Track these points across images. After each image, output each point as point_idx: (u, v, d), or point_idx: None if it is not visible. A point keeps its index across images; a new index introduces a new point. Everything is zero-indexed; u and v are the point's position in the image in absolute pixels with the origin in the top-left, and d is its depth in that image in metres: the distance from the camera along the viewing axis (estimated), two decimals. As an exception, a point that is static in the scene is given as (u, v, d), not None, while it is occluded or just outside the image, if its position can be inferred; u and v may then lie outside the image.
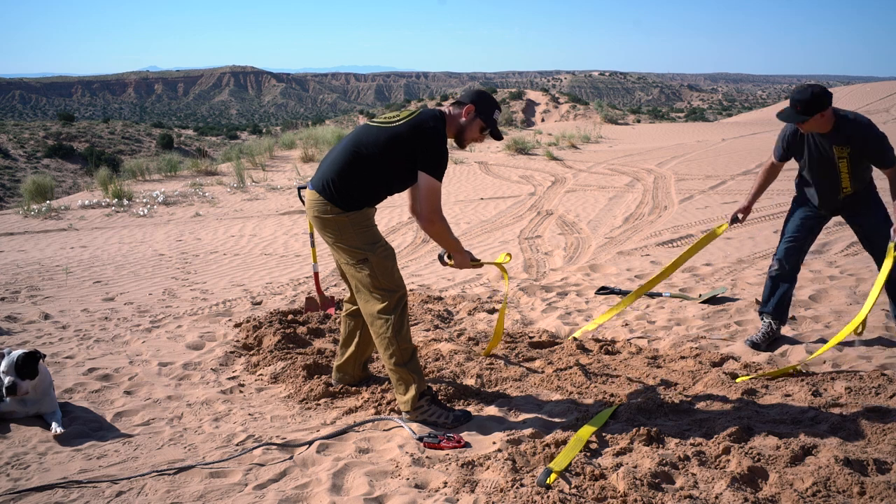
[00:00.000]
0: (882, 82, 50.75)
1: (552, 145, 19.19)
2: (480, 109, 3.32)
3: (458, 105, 3.34)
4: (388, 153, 3.19)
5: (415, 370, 3.30)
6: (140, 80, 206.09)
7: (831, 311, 4.87)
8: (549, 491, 2.55)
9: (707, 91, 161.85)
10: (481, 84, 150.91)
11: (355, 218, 3.24)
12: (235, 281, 6.54)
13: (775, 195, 10.76)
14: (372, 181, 3.24)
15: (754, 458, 2.77)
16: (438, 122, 3.25)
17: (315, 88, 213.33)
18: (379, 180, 3.25)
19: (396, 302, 3.26)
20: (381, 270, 3.24)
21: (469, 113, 3.31)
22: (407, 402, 3.28)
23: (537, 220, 9.59)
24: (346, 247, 3.27)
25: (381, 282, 3.25)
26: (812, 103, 3.68)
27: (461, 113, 3.32)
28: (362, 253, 3.24)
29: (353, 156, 3.23)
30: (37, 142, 36.81)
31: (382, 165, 3.21)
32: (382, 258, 3.25)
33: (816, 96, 3.67)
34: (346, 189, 3.21)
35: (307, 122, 49.42)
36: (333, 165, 3.26)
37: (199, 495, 2.71)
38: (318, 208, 3.27)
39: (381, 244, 3.28)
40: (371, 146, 3.21)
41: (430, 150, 3.18)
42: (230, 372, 4.13)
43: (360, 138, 3.27)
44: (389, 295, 3.25)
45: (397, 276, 3.31)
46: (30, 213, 10.70)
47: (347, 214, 3.22)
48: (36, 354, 3.35)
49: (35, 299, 5.82)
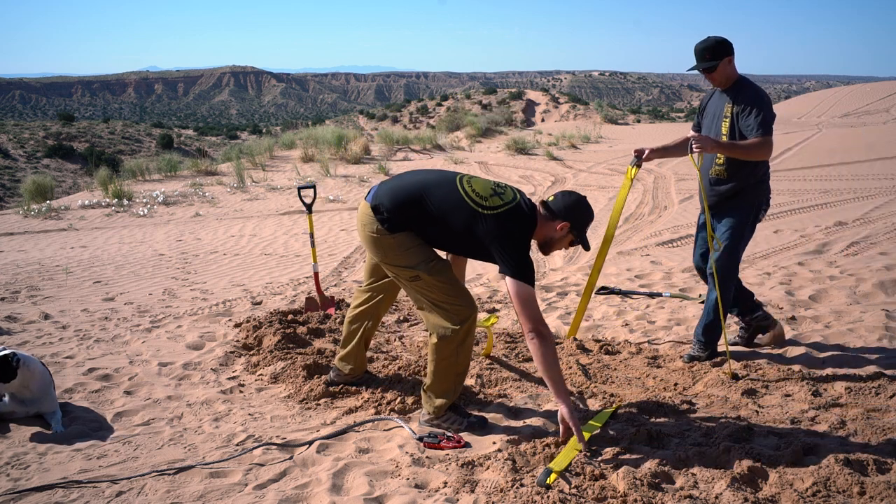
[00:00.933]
0: (882, 82, 50.75)
1: (552, 145, 19.19)
2: (575, 226, 3.11)
3: (549, 212, 3.10)
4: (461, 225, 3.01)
5: (458, 384, 3.23)
6: (140, 80, 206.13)
7: (831, 311, 4.86)
8: (549, 491, 2.55)
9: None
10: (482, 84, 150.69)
11: (401, 239, 3.10)
12: (235, 281, 6.54)
13: (775, 195, 10.76)
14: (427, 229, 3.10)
15: (754, 458, 2.77)
16: (527, 228, 3.04)
17: (315, 88, 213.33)
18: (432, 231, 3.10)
19: (464, 318, 3.09)
20: (437, 287, 3.10)
21: (563, 229, 3.09)
22: (438, 408, 3.22)
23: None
24: (395, 266, 3.16)
25: (440, 297, 3.11)
26: (717, 48, 3.77)
27: (554, 226, 3.09)
28: (412, 271, 3.11)
29: (420, 194, 3.07)
30: (37, 142, 36.82)
31: (445, 227, 3.05)
32: (434, 274, 3.10)
33: (720, 41, 3.79)
34: (398, 221, 3.08)
35: (307, 122, 49.42)
36: (399, 193, 3.11)
37: (199, 495, 2.71)
38: (368, 226, 3.14)
39: (432, 260, 3.12)
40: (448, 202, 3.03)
41: (513, 258, 2.95)
42: (230, 372, 4.13)
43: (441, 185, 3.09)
44: (455, 310, 3.10)
45: (459, 290, 3.15)
46: (30, 213, 10.70)
47: (394, 236, 3.09)
48: (8, 358, 3.29)
49: (35, 299, 5.82)
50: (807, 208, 9.67)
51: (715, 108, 3.97)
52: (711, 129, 3.96)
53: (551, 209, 3.10)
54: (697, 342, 4.09)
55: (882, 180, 11.69)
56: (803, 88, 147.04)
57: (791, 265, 6.24)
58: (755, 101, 3.75)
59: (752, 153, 3.70)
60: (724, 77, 3.83)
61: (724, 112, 3.86)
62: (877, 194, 10.42)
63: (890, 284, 5.33)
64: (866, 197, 10.28)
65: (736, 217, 3.90)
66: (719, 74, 3.82)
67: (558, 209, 3.08)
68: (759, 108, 3.72)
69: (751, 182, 3.87)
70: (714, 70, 3.79)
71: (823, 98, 45.69)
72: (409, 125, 54.46)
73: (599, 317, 5.12)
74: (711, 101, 4.04)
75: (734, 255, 3.93)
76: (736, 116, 3.79)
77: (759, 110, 3.71)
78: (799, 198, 10.47)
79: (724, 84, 3.88)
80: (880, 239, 7.38)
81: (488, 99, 64.52)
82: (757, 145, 3.67)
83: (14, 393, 3.34)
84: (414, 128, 45.10)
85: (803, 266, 6.17)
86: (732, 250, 3.90)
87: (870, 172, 12.61)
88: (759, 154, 3.71)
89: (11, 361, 3.29)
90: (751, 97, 3.77)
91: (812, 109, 39.83)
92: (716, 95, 4.00)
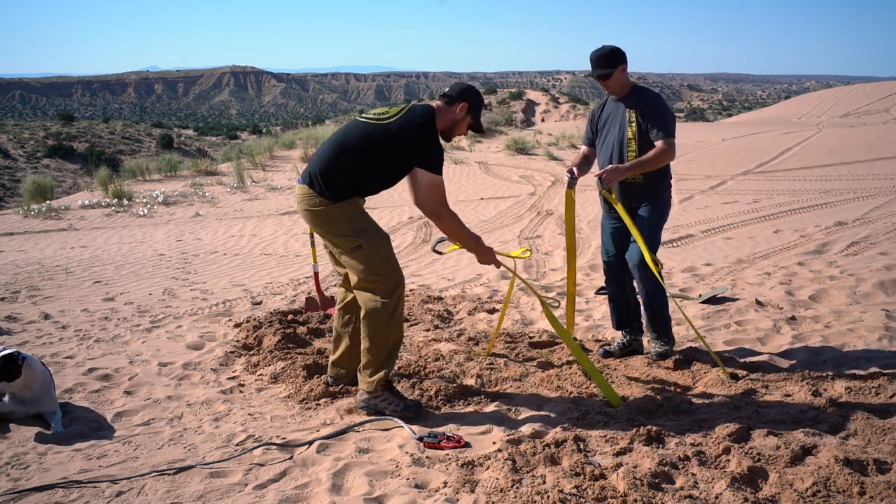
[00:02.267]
0: (882, 82, 50.73)
1: (552, 145, 19.19)
2: (472, 107, 3.41)
3: (448, 99, 3.39)
4: (374, 148, 3.25)
5: (392, 357, 3.38)
6: (140, 80, 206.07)
7: (831, 311, 4.86)
8: (548, 491, 2.55)
9: (707, 91, 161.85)
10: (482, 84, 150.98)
11: (344, 208, 3.28)
12: (235, 281, 6.54)
13: (775, 195, 10.76)
14: (357, 174, 3.28)
15: (754, 458, 2.77)
16: (430, 118, 3.29)
17: (315, 88, 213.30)
18: (363, 173, 3.29)
19: (393, 287, 3.30)
20: (375, 256, 3.29)
21: (463, 110, 3.38)
22: (372, 382, 3.34)
23: (537, 220, 9.60)
24: (338, 236, 3.32)
25: (377, 267, 3.29)
26: (611, 56, 3.85)
27: (454, 109, 3.38)
28: (355, 240, 3.28)
29: (338, 150, 3.30)
30: (37, 142, 36.81)
31: (368, 160, 3.27)
32: (376, 244, 3.30)
33: (614, 50, 3.86)
34: (331, 181, 3.26)
35: (307, 122, 49.43)
36: (320, 160, 3.33)
37: (199, 495, 2.71)
38: (307, 201, 3.32)
39: (373, 230, 3.33)
40: (357, 140, 3.28)
41: (425, 148, 3.23)
42: (230, 372, 4.13)
43: (347, 133, 3.35)
44: (385, 280, 3.29)
45: (393, 261, 3.36)
46: (30, 213, 10.70)
47: (336, 205, 3.27)
48: (13, 356, 3.30)
49: (35, 299, 5.82)
50: (807, 208, 9.67)
51: (613, 117, 4.01)
52: (610, 138, 3.99)
53: (450, 95, 3.40)
54: (655, 339, 4.10)
55: (882, 180, 11.69)
56: (803, 88, 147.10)
57: (791, 265, 6.24)
58: (655, 107, 3.87)
59: (657, 162, 3.80)
60: (618, 85, 3.91)
61: (627, 119, 3.92)
62: (877, 194, 10.42)
63: (890, 284, 5.33)
64: (866, 197, 10.28)
65: (649, 213, 3.97)
66: (614, 82, 3.89)
67: (455, 93, 3.40)
68: (659, 112, 3.85)
69: (658, 177, 3.95)
70: (609, 77, 3.87)
71: (823, 98, 45.68)
72: (409, 125, 54.27)
73: (599, 317, 5.12)
74: (606, 111, 4.08)
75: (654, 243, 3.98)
76: (639, 121, 3.87)
77: (660, 115, 3.84)
78: (799, 198, 10.47)
79: (619, 92, 3.94)
80: (880, 239, 7.38)
81: (488, 99, 64.50)
82: (661, 152, 3.79)
83: (15, 393, 3.34)
84: (414, 128, 44.90)
85: (803, 266, 6.16)
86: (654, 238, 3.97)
87: (870, 172, 12.61)
88: (665, 159, 3.82)
89: (17, 360, 3.30)
90: (650, 102, 3.88)
91: (812, 109, 39.83)
92: (611, 105, 4.05)
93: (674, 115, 3.94)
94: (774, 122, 31.26)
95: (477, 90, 3.48)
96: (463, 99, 3.38)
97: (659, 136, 3.82)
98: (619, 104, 3.97)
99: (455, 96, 3.39)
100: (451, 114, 3.38)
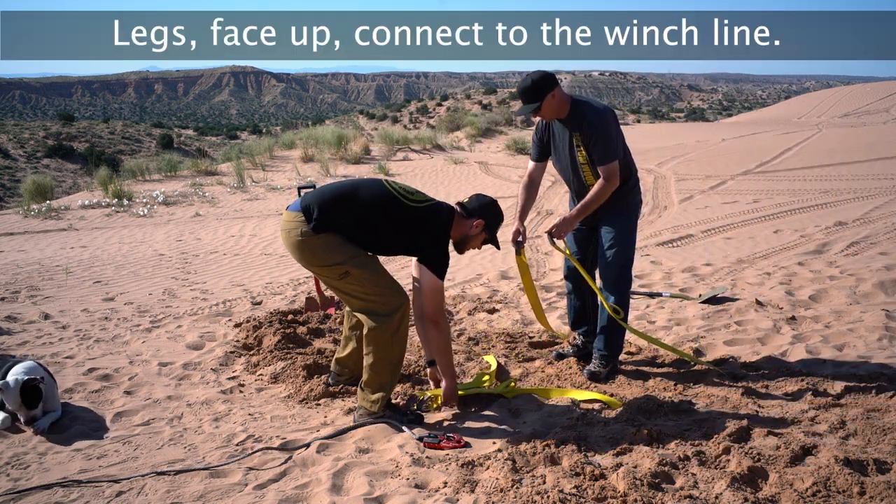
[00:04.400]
0: (882, 82, 50.75)
1: (552, 145, 19.17)
2: (488, 225, 3.36)
3: (465, 212, 3.34)
4: (385, 216, 3.19)
5: (395, 373, 3.30)
6: (140, 80, 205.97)
7: (831, 311, 4.86)
8: (548, 491, 2.55)
9: (707, 91, 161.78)
10: (482, 84, 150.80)
11: (326, 238, 3.15)
12: (235, 281, 6.54)
13: (775, 195, 10.76)
14: (354, 224, 3.17)
15: (754, 458, 2.77)
16: (448, 225, 3.28)
17: (315, 88, 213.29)
18: (361, 228, 3.19)
19: (394, 308, 3.19)
20: (365, 279, 3.19)
21: (478, 227, 3.34)
22: (374, 402, 3.25)
23: (537, 220, 9.60)
24: (324, 267, 3.20)
25: (369, 289, 3.20)
26: (533, 89, 3.56)
27: (470, 223, 3.33)
28: (341, 267, 3.16)
29: (351, 194, 3.20)
30: (37, 142, 36.81)
31: (372, 220, 3.19)
32: (363, 266, 3.19)
33: (535, 81, 3.56)
34: (329, 216, 3.14)
35: (307, 122, 49.44)
36: (327, 195, 3.22)
37: (199, 495, 2.71)
38: (293, 231, 3.17)
39: (358, 253, 3.20)
40: (375, 198, 3.19)
41: (436, 250, 3.23)
42: (230, 372, 4.13)
43: (368, 187, 3.26)
44: (381, 299, 3.20)
45: (386, 280, 3.25)
46: (30, 213, 10.70)
47: (318, 236, 3.14)
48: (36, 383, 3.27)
49: (35, 299, 5.82)
50: (807, 208, 9.67)
51: (560, 139, 3.76)
52: (563, 160, 3.78)
53: (467, 208, 3.35)
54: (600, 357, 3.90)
55: (882, 180, 11.68)
56: (803, 88, 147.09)
57: (791, 265, 6.24)
58: (594, 130, 3.59)
59: (604, 194, 3.61)
60: (552, 111, 3.63)
61: (574, 143, 3.68)
62: (877, 194, 10.42)
63: (890, 284, 5.33)
64: (866, 197, 10.28)
65: (618, 223, 3.82)
66: (546, 111, 3.61)
67: (473, 208, 3.35)
68: (599, 136, 3.59)
69: (621, 189, 3.75)
70: (540, 110, 3.60)
71: (823, 98, 45.68)
72: (409, 125, 54.46)
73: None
74: (554, 129, 3.80)
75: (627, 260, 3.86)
76: (585, 145, 3.64)
77: (599, 139, 3.59)
78: (799, 198, 10.47)
79: (557, 116, 3.67)
80: (880, 239, 7.37)
81: (488, 99, 64.52)
82: (602, 188, 3.59)
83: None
84: (414, 128, 45.10)
85: (803, 266, 6.16)
86: (625, 256, 3.83)
87: (870, 172, 12.61)
88: (610, 187, 3.61)
89: (39, 386, 3.29)
90: (591, 124, 3.60)
91: (812, 109, 39.83)
92: (556, 125, 3.77)
93: (618, 130, 3.68)
94: (774, 122, 31.26)
95: (496, 207, 3.40)
96: (480, 215, 3.33)
97: (601, 163, 3.59)
98: (564, 127, 3.71)
99: (472, 210, 3.34)
100: (465, 227, 3.33)
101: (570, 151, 3.72)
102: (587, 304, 4.11)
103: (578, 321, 4.16)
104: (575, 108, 3.65)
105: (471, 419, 3.38)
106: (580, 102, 3.67)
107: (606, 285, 3.86)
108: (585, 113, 3.63)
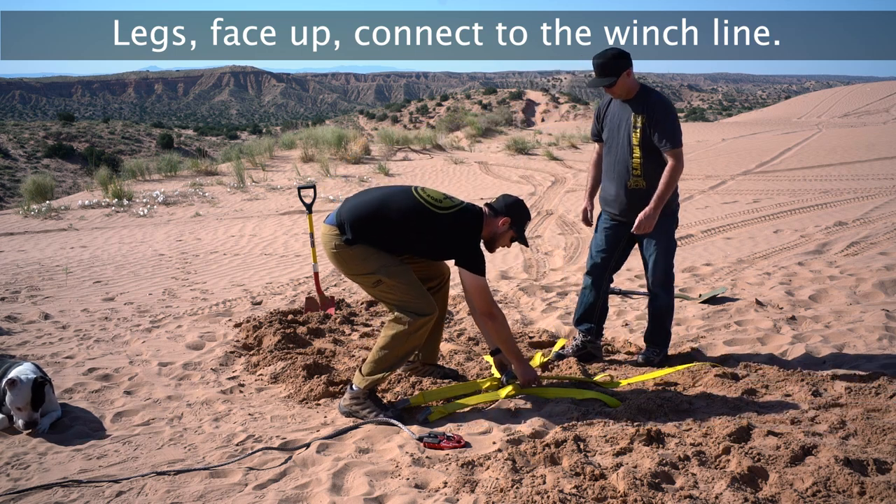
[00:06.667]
0: (882, 82, 50.76)
1: (552, 145, 19.18)
2: (515, 222, 3.49)
3: (492, 211, 3.49)
4: (415, 226, 3.36)
5: (396, 365, 3.39)
6: (140, 80, 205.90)
7: (831, 311, 4.86)
8: (548, 491, 2.55)
9: (707, 91, 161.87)
10: (482, 84, 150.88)
11: (359, 250, 3.35)
12: (235, 281, 6.54)
13: (776, 195, 10.76)
14: (387, 238, 3.36)
15: (754, 458, 2.77)
16: (478, 225, 3.43)
17: (315, 88, 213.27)
18: (394, 240, 3.37)
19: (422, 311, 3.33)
20: (397, 288, 3.35)
21: (505, 224, 3.47)
22: (365, 380, 3.36)
23: (537, 219, 9.60)
24: (359, 275, 3.41)
25: (401, 296, 3.36)
26: (614, 64, 3.71)
27: (497, 222, 3.47)
28: (374, 276, 3.36)
29: (378, 207, 3.37)
30: (37, 142, 36.81)
31: (404, 232, 3.36)
32: (395, 275, 3.35)
33: (615, 56, 3.72)
34: (360, 230, 3.34)
35: (307, 122, 49.44)
36: (357, 210, 3.39)
37: (199, 495, 2.71)
38: (331, 242, 3.39)
39: (392, 263, 3.37)
40: (405, 211, 3.35)
41: (468, 252, 3.37)
42: (230, 372, 4.13)
43: (395, 197, 3.41)
44: (414, 303, 3.34)
45: (417, 290, 3.38)
46: (30, 213, 10.71)
47: (353, 248, 3.35)
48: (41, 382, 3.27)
49: (35, 299, 5.82)
50: (807, 208, 9.67)
51: (619, 118, 3.88)
52: (618, 139, 3.88)
53: (494, 208, 3.50)
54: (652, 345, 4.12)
55: (882, 180, 11.69)
56: (803, 88, 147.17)
57: (791, 265, 6.24)
58: (663, 115, 3.73)
59: (674, 181, 3.74)
60: (624, 90, 3.79)
61: (632, 123, 3.79)
62: (877, 194, 10.42)
63: (890, 284, 5.33)
64: (866, 197, 10.28)
65: (664, 224, 3.90)
66: (619, 88, 3.77)
67: (500, 207, 3.50)
68: (667, 120, 3.73)
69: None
70: (614, 85, 3.75)
71: (823, 98, 45.69)
72: (409, 125, 54.50)
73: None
74: (612, 110, 3.96)
75: (670, 262, 3.98)
76: (645, 128, 3.75)
77: (667, 122, 3.72)
78: (799, 198, 10.47)
79: (625, 95, 3.82)
80: (880, 239, 7.38)
81: (488, 99, 64.53)
82: (673, 170, 3.73)
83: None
84: (414, 128, 45.12)
85: (803, 266, 6.17)
86: (668, 257, 3.96)
87: (870, 172, 12.61)
88: (680, 171, 3.74)
89: (43, 386, 3.29)
90: (657, 108, 3.74)
91: (812, 109, 39.85)
92: (616, 103, 3.92)
93: (679, 124, 3.83)
94: (774, 122, 31.27)
95: (522, 205, 3.54)
96: (507, 214, 3.47)
97: (667, 146, 3.70)
98: (626, 106, 3.83)
99: (499, 210, 3.48)
100: (493, 226, 3.47)
101: (627, 131, 3.84)
102: (598, 304, 4.14)
103: (585, 317, 4.18)
104: (643, 90, 3.83)
105: (471, 419, 3.38)
106: (648, 88, 3.86)
107: (655, 285, 4.02)
108: (653, 96, 3.81)
